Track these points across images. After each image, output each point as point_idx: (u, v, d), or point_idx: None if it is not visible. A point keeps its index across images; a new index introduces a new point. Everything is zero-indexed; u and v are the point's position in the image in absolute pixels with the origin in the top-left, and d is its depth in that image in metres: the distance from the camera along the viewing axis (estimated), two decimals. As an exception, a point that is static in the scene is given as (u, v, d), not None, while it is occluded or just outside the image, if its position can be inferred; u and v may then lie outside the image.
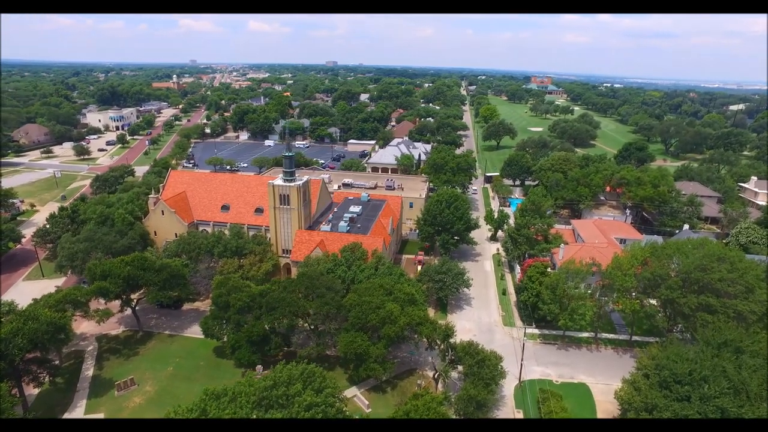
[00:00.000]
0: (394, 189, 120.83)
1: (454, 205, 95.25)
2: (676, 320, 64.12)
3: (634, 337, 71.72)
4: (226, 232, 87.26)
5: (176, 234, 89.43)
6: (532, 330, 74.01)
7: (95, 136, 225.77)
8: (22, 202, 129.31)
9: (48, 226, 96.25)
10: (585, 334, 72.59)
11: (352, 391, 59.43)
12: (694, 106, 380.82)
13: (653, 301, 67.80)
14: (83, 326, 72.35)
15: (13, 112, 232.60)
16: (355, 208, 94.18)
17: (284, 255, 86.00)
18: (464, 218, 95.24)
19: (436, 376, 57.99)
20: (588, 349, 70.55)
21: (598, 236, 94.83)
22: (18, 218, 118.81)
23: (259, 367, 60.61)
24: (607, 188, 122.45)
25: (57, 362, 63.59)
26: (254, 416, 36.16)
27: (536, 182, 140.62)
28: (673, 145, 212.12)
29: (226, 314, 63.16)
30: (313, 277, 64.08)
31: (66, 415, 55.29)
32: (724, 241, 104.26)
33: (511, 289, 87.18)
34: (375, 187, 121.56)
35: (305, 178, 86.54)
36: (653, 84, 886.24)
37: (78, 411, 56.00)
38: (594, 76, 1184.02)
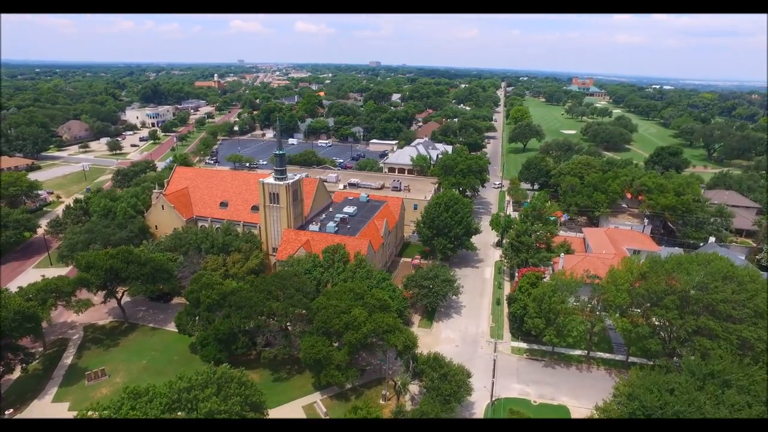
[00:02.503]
0: (400, 190, 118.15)
1: (453, 208, 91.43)
2: (671, 343, 57.86)
3: (632, 358, 65.49)
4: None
5: (174, 229, 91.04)
6: (519, 344, 69.46)
7: (131, 133, 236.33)
8: (50, 193, 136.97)
9: (61, 216, 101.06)
10: (577, 352, 67.28)
11: (313, 397, 57.79)
12: (751, 108, 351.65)
13: (655, 321, 61.53)
14: (73, 315, 74.58)
15: (62, 109, 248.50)
16: (350, 209, 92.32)
17: (273, 253, 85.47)
18: (464, 222, 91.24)
19: (397, 387, 55.20)
20: (578, 368, 65.23)
21: (609, 246, 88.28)
22: (44, 209, 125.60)
23: (225, 366, 59.92)
24: (628, 195, 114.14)
25: (41, 349, 66.01)
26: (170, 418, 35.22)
27: (554, 187, 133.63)
28: (717, 151, 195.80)
29: (197, 310, 63.14)
30: (284, 278, 62.82)
31: (35, 402, 56.84)
32: (756, 257, 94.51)
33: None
34: (381, 188, 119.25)
35: (297, 177, 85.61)
36: (712, 85, 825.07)
37: (47, 399, 57.41)
38: (647, 77, 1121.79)
